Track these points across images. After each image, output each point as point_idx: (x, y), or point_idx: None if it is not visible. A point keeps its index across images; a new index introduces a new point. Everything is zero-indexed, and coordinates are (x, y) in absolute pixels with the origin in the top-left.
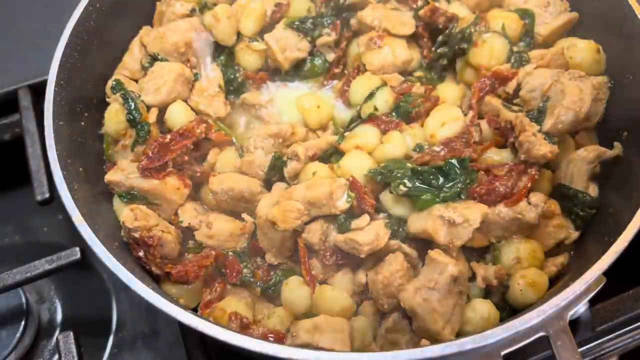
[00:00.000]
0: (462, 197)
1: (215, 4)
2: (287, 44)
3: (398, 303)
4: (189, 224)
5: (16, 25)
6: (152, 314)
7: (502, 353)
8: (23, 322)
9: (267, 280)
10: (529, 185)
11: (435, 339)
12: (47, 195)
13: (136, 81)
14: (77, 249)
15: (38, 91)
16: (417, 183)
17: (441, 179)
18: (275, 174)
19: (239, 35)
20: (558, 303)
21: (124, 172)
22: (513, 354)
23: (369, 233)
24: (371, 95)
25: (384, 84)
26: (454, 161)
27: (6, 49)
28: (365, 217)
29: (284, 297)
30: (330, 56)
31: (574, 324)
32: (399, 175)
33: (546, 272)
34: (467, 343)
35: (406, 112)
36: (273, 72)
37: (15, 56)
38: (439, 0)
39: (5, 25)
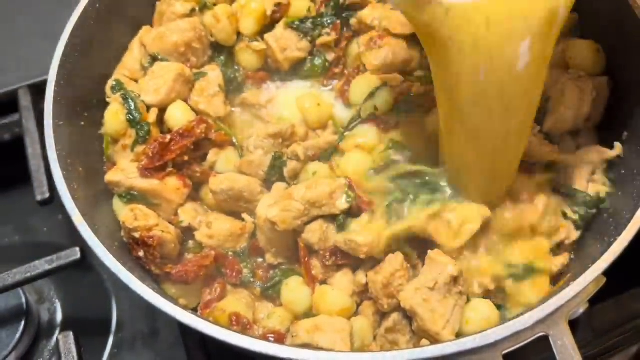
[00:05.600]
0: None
1: (215, 4)
2: (287, 44)
3: (398, 303)
4: (189, 224)
5: (16, 25)
6: (152, 314)
7: (502, 353)
8: (23, 323)
9: (267, 281)
10: (530, 185)
11: (435, 339)
12: (47, 195)
13: (136, 81)
14: (77, 249)
15: (38, 91)
16: (417, 184)
17: (441, 179)
18: (275, 174)
19: (239, 35)
20: (558, 303)
21: (123, 172)
22: (513, 354)
23: (369, 234)
24: (371, 95)
25: (384, 83)
26: None
27: (6, 49)
28: (365, 218)
29: (284, 297)
30: (331, 56)
31: (574, 323)
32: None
33: (546, 271)
34: (467, 343)
35: (406, 112)
36: (273, 72)
37: (15, 56)
38: None
39: (5, 25)
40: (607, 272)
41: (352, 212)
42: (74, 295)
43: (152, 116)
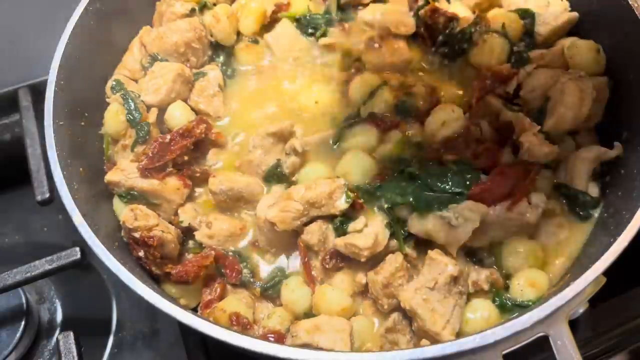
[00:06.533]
0: (462, 197)
1: (215, 4)
2: (287, 44)
3: (398, 303)
4: (189, 224)
5: (16, 25)
6: (152, 314)
7: (502, 353)
8: (23, 322)
9: (267, 281)
10: (529, 185)
11: (435, 339)
12: (47, 195)
13: (136, 81)
14: (77, 249)
15: (38, 91)
16: (416, 187)
17: (441, 180)
18: (274, 182)
19: (238, 34)
20: (558, 303)
21: (123, 172)
22: (513, 354)
23: (369, 236)
24: (371, 95)
25: (384, 83)
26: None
27: (6, 49)
28: (362, 220)
29: (284, 297)
30: (332, 57)
31: (574, 323)
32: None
33: (546, 272)
34: (467, 343)
35: (406, 112)
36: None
37: (15, 56)
38: (439, 0)
39: (5, 25)
40: (607, 272)
41: (349, 215)
42: (74, 295)
43: (152, 116)
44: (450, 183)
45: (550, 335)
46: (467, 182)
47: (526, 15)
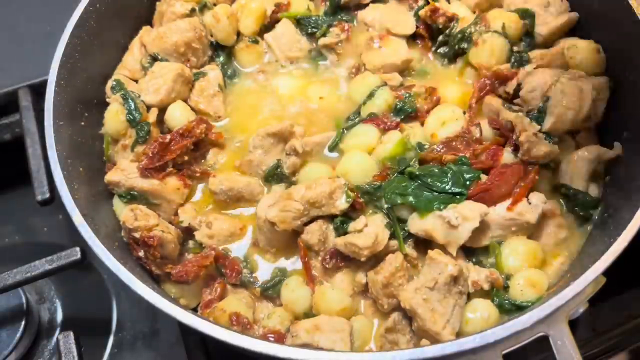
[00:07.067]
0: (462, 197)
1: (215, 4)
2: (287, 44)
3: (398, 303)
4: (189, 224)
5: (16, 25)
6: (152, 314)
7: (502, 353)
8: (23, 322)
9: (267, 281)
10: (529, 185)
11: (435, 339)
12: (47, 195)
13: (136, 81)
14: (77, 249)
15: (38, 91)
16: (416, 187)
17: (441, 180)
18: (274, 182)
19: (238, 34)
20: (558, 303)
21: (124, 172)
22: (513, 354)
23: (369, 236)
24: (371, 95)
25: (384, 83)
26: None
27: (6, 49)
28: (362, 219)
29: (284, 297)
30: (332, 57)
31: (574, 323)
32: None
33: (546, 272)
34: (467, 343)
35: (406, 112)
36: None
37: (15, 56)
38: (439, 0)
39: (5, 25)
40: (607, 272)
41: (349, 215)
42: (74, 295)
43: (152, 116)
44: (450, 183)
45: (550, 335)
46: (467, 182)
47: (526, 15)
